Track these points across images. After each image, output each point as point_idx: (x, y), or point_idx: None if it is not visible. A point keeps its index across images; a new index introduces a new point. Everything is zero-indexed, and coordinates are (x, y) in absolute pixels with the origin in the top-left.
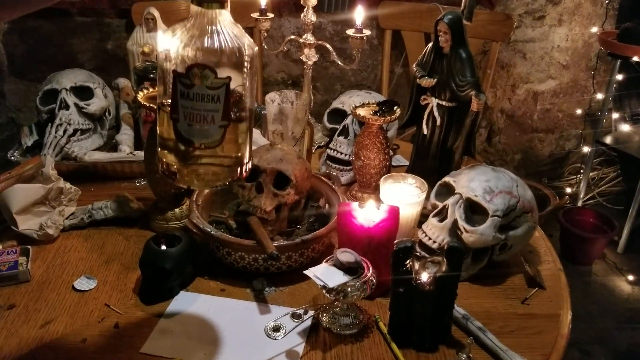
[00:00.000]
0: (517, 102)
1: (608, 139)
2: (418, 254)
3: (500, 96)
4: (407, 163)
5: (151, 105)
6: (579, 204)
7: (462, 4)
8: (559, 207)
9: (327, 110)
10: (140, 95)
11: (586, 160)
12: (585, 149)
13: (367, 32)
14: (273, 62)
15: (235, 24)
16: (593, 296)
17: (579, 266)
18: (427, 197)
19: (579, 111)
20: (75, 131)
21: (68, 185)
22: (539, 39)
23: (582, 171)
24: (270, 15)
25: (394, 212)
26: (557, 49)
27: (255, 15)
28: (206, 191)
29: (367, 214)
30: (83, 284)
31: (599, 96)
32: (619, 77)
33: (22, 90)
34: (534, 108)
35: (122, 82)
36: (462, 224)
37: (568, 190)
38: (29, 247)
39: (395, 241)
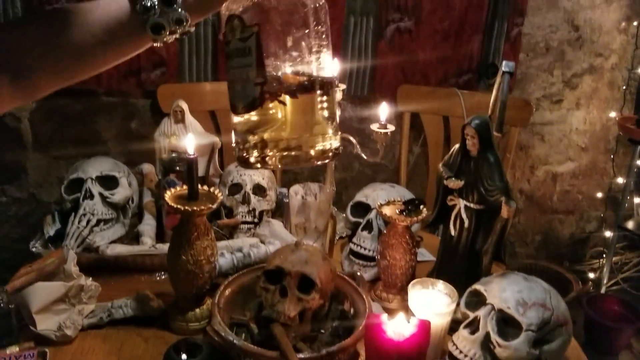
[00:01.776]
0: (536, 183)
1: (630, 224)
2: None
3: (519, 177)
4: (432, 258)
5: (178, 206)
6: (602, 290)
7: (490, 109)
8: (583, 293)
9: (350, 204)
10: (168, 195)
11: (608, 245)
12: (608, 233)
13: (391, 127)
14: None
15: None
16: None
17: (605, 356)
18: (457, 304)
19: (599, 194)
20: (98, 221)
21: (89, 282)
22: (557, 121)
23: (604, 255)
24: None
25: (425, 326)
26: (575, 131)
27: None
28: (227, 291)
29: (396, 327)
30: None
31: (620, 180)
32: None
33: (44, 166)
34: (554, 189)
35: (146, 167)
36: (494, 337)
37: (591, 275)
38: (46, 349)
39: (425, 355)
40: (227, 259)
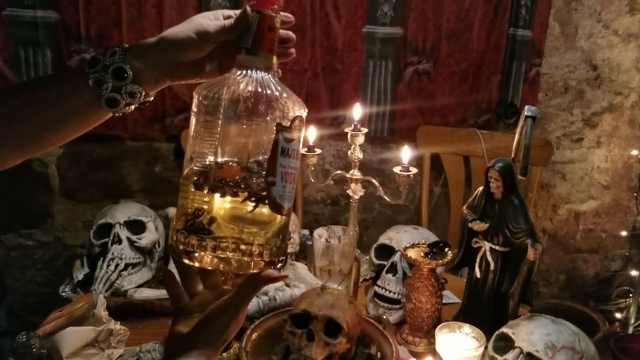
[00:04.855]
0: (559, 222)
1: None
2: None
3: (541, 216)
4: (457, 300)
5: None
6: (630, 330)
7: (513, 152)
8: (610, 333)
9: (374, 246)
10: None
11: (635, 284)
12: (633, 272)
13: (413, 170)
14: (313, 182)
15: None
16: None
17: None
18: (485, 347)
19: (623, 232)
20: (126, 266)
21: (118, 326)
22: (578, 160)
23: (630, 294)
24: (318, 151)
25: None
26: (596, 169)
27: (303, 151)
28: (254, 335)
29: None
30: None
31: None
32: None
33: (70, 210)
34: (576, 228)
35: (172, 211)
36: None
37: (617, 315)
38: None
39: None
40: (253, 303)
